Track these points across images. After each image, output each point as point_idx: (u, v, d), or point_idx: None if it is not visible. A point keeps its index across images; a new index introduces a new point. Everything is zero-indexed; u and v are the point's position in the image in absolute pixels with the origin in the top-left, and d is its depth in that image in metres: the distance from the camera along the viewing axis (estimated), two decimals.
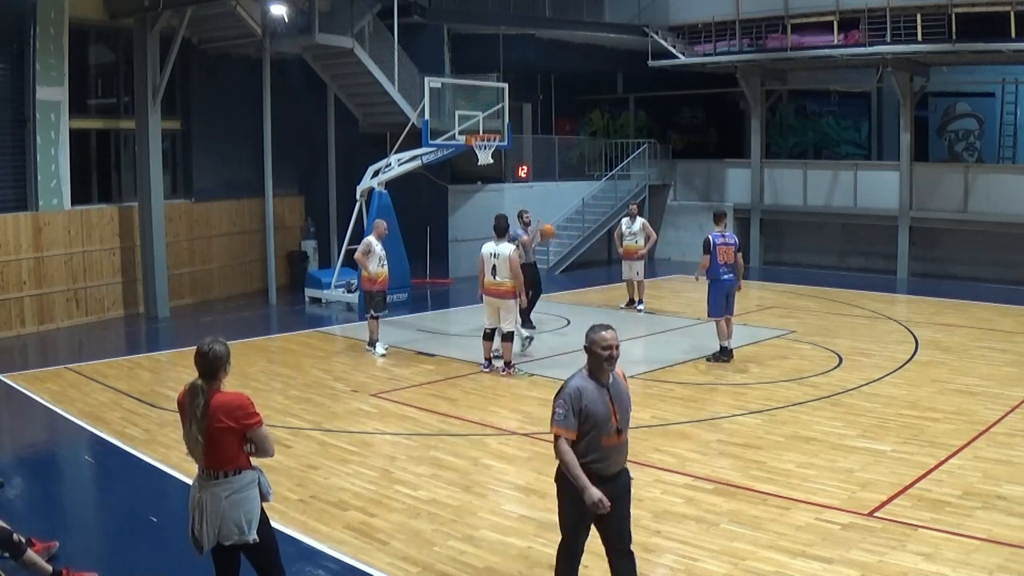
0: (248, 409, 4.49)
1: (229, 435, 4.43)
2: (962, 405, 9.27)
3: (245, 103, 16.98)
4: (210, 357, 4.49)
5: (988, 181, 18.85)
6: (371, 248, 11.99)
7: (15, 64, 13.80)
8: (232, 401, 4.49)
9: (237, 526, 4.45)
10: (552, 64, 22.57)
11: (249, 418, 4.48)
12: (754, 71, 21.32)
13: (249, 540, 4.47)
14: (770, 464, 7.51)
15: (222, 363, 4.52)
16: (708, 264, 11.23)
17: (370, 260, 11.96)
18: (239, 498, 4.46)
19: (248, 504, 4.50)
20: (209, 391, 4.46)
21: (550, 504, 6.76)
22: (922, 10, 17.52)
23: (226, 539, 4.46)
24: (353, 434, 8.66)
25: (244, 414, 4.47)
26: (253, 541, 4.48)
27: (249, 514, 4.49)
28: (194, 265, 17.06)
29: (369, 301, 12.22)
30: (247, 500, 4.50)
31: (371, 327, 12.17)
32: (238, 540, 4.47)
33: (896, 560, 5.66)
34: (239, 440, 4.48)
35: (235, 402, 4.49)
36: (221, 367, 4.51)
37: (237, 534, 4.45)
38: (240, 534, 4.46)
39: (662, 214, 23.21)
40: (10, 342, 13.32)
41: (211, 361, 4.49)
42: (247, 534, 4.46)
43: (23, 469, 7.99)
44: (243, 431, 4.47)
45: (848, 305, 15.82)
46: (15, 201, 13.91)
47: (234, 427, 4.43)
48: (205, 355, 4.50)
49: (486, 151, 16.18)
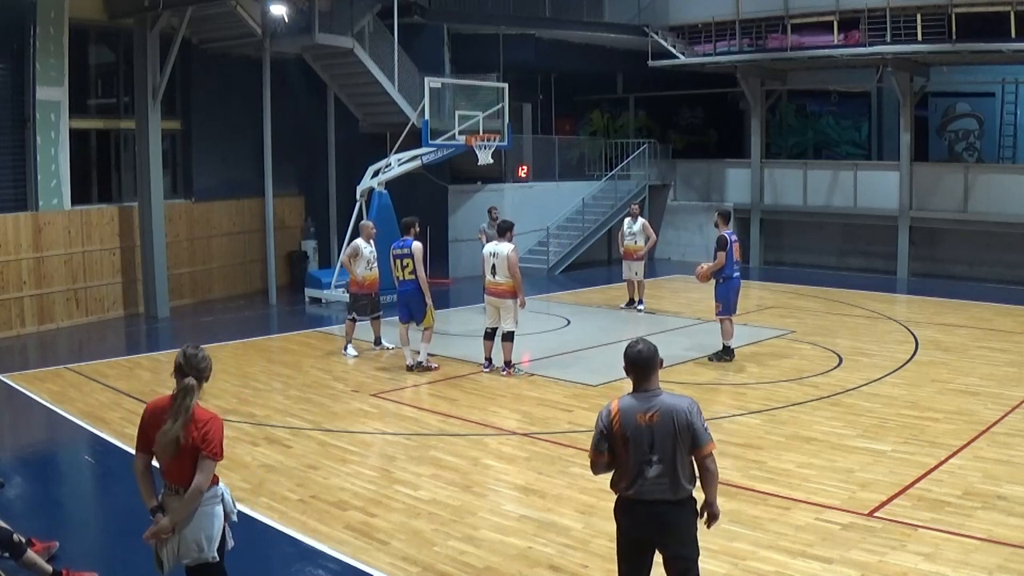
0: (215, 432, 4.27)
1: (194, 451, 4.25)
2: (962, 405, 9.27)
3: (245, 103, 16.98)
4: (200, 359, 4.33)
5: (988, 181, 18.84)
6: (358, 251, 11.87)
7: (15, 64, 13.80)
8: (202, 416, 4.29)
9: (196, 544, 4.29)
10: (552, 64, 22.57)
11: (207, 443, 4.24)
12: (754, 71, 21.31)
13: (208, 558, 4.31)
14: (770, 464, 7.51)
15: (208, 370, 4.37)
16: (724, 263, 11.21)
17: (357, 263, 11.85)
18: (200, 513, 4.30)
19: (209, 520, 4.33)
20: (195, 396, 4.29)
21: (550, 504, 6.79)
22: (922, 10, 17.52)
23: (184, 557, 4.30)
24: (353, 434, 8.66)
25: (206, 434, 4.24)
26: (212, 559, 4.32)
27: (210, 531, 4.32)
28: (194, 265, 17.07)
29: (353, 303, 12.18)
30: (209, 516, 4.33)
31: (348, 329, 12.16)
32: (197, 559, 4.31)
33: (896, 560, 5.66)
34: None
35: (203, 417, 4.29)
36: (207, 374, 4.37)
37: (196, 552, 4.29)
38: (199, 552, 4.30)
39: (662, 214, 23.21)
40: (10, 342, 13.32)
41: (199, 364, 4.33)
42: (207, 552, 4.30)
43: (23, 469, 7.99)
44: (198, 450, 4.25)
45: (848, 305, 15.82)
46: (15, 201, 13.91)
47: (196, 444, 4.23)
48: (193, 356, 4.32)
49: (486, 151, 16.19)
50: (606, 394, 10.00)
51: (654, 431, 4.18)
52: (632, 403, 4.27)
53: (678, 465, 4.19)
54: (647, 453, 4.18)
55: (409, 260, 10.86)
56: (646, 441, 4.18)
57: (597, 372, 10.94)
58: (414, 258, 10.82)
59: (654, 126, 25.66)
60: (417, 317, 11.05)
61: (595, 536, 6.15)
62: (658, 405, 4.22)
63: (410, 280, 10.92)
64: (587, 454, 4.46)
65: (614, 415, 4.26)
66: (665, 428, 4.18)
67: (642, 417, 4.20)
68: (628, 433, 4.20)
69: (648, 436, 4.18)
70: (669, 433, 4.17)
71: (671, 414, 4.19)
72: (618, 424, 4.23)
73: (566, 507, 6.70)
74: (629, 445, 4.20)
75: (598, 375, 10.76)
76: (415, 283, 10.89)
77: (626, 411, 4.24)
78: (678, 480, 4.19)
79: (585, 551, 5.93)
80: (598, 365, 11.42)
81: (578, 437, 8.32)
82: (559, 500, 6.85)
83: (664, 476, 4.18)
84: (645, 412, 4.21)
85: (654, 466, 4.18)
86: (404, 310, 11.12)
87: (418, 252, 10.86)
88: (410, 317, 11.12)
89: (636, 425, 4.20)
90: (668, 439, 4.17)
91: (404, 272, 10.94)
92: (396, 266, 11.00)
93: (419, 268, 10.85)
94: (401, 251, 10.97)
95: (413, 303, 11.00)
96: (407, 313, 11.11)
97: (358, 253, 11.86)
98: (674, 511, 4.22)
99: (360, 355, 11.96)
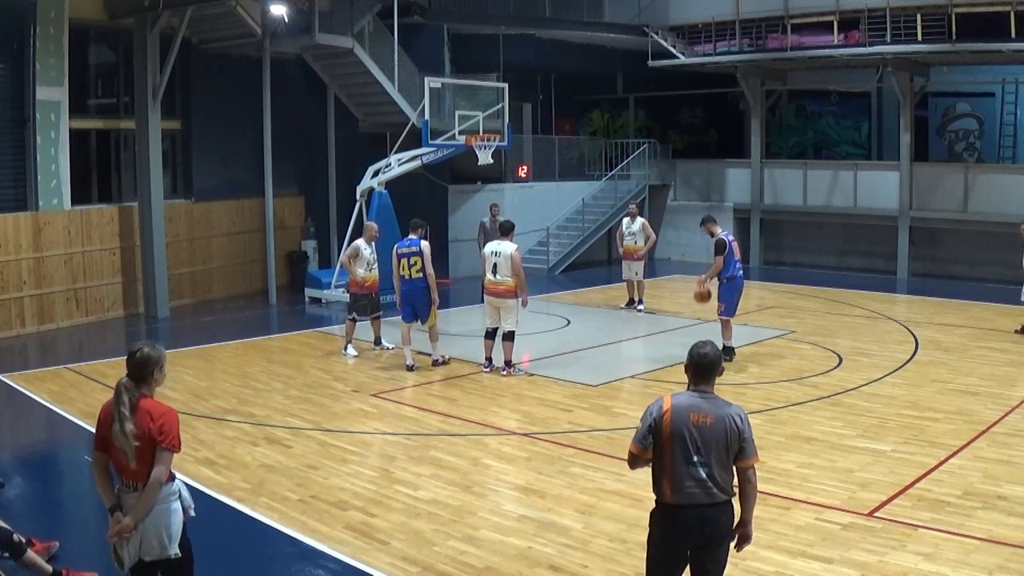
0: (171, 424, 4.28)
1: (150, 445, 4.24)
2: (962, 405, 9.27)
3: (245, 103, 16.97)
4: (137, 359, 4.33)
5: (988, 181, 18.85)
6: (359, 252, 11.88)
7: (15, 64, 13.80)
8: (157, 409, 4.29)
9: (158, 541, 4.28)
10: (552, 64, 22.58)
11: (164, 435, 4.23)
12: (754, 71, 21.32)
13: (171, 555, 4.31)
14: (770, 464, 7.50)
15: (150, 367, 4.35)
16: (723, 265, 11.19)
17: (357, 264, 11.86)
18: (159, 510, 4.29)
19: (168, 517, 4.32)
20: (137, 394, 4.29)
21: (550, 504, 6.78)
22: (922, 10, 17.52)
23: (147, 554, 4.28)
24: (353, 434, 8.66)
25: (162, 426, 4.24)
26: (175, 556, 4.33)
27: (170, 528, 4.32)
28: (194, 265, 17.07)
29: (353, 304, 12.20)
30: (168, 513, 4.32)
31: (348, 329, 12.17)
32: (159, 555, 4.30)
33: (896, 560, 5.66)
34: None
35: (159, 410, 4.29)
36: (149, 371, 4.35)
37: (158, 549, 4.29)
38: (161, 549, 4.29)
39: (662, 214, 23.21)
40: (10, 342, 13.32)
41: (137, 363, 4.33)
42: (168, 549, 4.30)
43: (23, 469, 8.00)
44: (155, 444, 4.24)
45: (848, 305, 15.82)
46: (15, 201, 13.91)
47: (153, 437, 4.23)
48: (131, 356, 4.35)
49: (486, 151, 16.18)
50: (606, 394, 10.01)
51: (704, 434, 4.14)
52: (687, 402, 4.23)
53: (722, 472, 4.16)
54: (692, 455, 4.13)
55: (417, 259, 10.91)
56: (693, 443, 4.13)
57: (597, 372, 10.94)
58: (423, 257, 10.89)
59: (654, 126, 25.66)
60: (422, 316, 11.06)
61: (595, 536, 6.15)
62: (713, 409, 4.19)
63: (417, 279, 10.94)
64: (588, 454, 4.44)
65: (666, 411, 4.20)
66: (716, 433, 4.14)
67: (695, 417, 4.16)
68: (677, 431, 4.15)
69: (697, 438, 4.13)
70: (719, 439, 4.13)
71: (724, 420, 4.15)
72: (668, 421, 4.17)
73: (566, 507, 6.69)
74: (675, 444, 4.15)
75: (598, 375, 10.76)
76: (422, 282, 10.93)
77: (679, 409, 4.20)
78: (720, 486, 4.15)
79: (585, 551, 5.93)
80: (598, 365, 11.42)
81: (578, 437, 8.33)
82: (559, 500, 6.84)
83: (707, 481, 4.13)
84: (699, 413, 4.17)
85: (698, 468, 4.13)
86: (408, 309, 11.11)
87: (427, 251, 10.94)
88: (414, 316, 11.12)
89: (687, 425, 4.15)
90: (716, 445, 4.13)
91: (411, 271, 10.96)
92: (403, 265, 11.00)
93: (428, 267, 10.92)
94: (408, 250, 11.00)
95: (419, 302, 11.01)
96: (412, 312, 11.10)
97: (358, 254, 11.86)
98: (715, 513, 4.16)
99: (360, 355, 11.96)
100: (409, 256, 10.96)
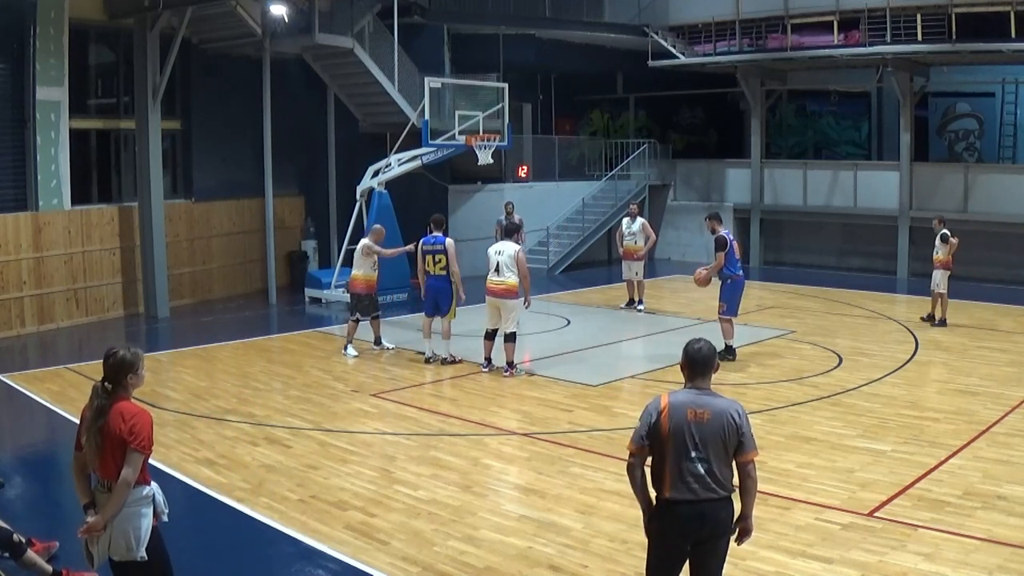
0: (142, 426, 4.30)
1: (121, 446, 4.27)
2: (962, 405, 9.27)
3: (245, 103, 16.97)
4: (111, 363, 4.38)
5: (988, 181, 18.85)
6: (372, 249, 12.08)
7: (15, 64, 13.79)
8: (130, 410, 4.33)
9: (125, 542, 4.31)
10: (552, 64, 22.57)
11: (135, 436, 4.26)
12: (754, 71, 21.32)
13: (136, 557, 4.33)
14: (770, 464, 7.49)
15: (125, 371, 4.39)
16: (723, 263, 11.20)
17: (368, 260, 12.03)
18: (129, 512, 4.31)
19: (137, 520, 4.34)
20: (112, 396, 4.34)
21: (550, 504, 6.78)
22: (922, 10, 17.52)
23: (115, 554, 4.35)
24: (353, 434, 8.66)
25: (133, 427, 4.27)
26: (141, 559, 4.34)
27: (138, 531, 4.33)
28: (194, 265, 17.06)
29: (355, 304, 12.25)
30: (137, 516, 4.34)
31: (350, 329, 12.23)
32: (126, 556, 4.33)
33: (896, 560, 5.66)
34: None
35: (131, 411, 4.33)
36: (124, 374, 4.40)
37: (124, 550, 4.32)
38: (128, 551, 4.32)
39: (662, 214, 23.21)
40: (10, 342, 13.32)
41: (111, 367, 4.38)
42: (135, 551, 4.32)
43: (23, 469, 8.00)
44: (126, 443, 4.26)
45: (848, 305, 15.81)
46: (15, 201, 13.90)
47: (123, 438, 4.26)
48: (106, 360, 4.40)
49: (486, 151, 16.18)
50: (606, 394, 10.01)
51: (703, 430, 4.15)
52: (684, 399, 4.25)
53: (721, 467, 4.17)
54: (690, 451, 4.15)
55: (442, 256, 11.20)
56: (691, 438, 4.15)
57: (597, 372, 10.94)
58: (447, 254, 11.18)
59: (654, 126, 25.66)
60: (443, 310, 11.39)
61: (595, 536, 6.15)
62: (711, 404, 4.21)
63: (441, 275, 11.26)
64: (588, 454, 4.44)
65: (664, 408, 4.22)
66: (714, 429, 4.15)
67: (693, 413, 4.18)
68: (675, 427, 4.17)
69: (694, 434, 4.15)
70: (717, 434, 4.15)
71: (722, 416, 4.17)
72: (667, 417, 4.19)
73: (566, 507, 6.69)
74: (674, 440, 4.16)
75: (598, 375, 10.76)
76: (446, 278, 11.26)
77: (676, 405, 4.22)
78: (719, 481, 4.16)
79: (585, 551, 5.93)
80: (598, 365, 11.43)
81: (578, 437, 8.33)
82: (559, 500, 6.84)
83: (706, 477, 4.15)
84: (697, 409, 4.19)
85: (697, 464, 4.14)
86: (431, 304, 11.42)
87: (452, 249, 11.22)
88: (435, 311, 11.41)
89: (685, 420, 4.17)
90: (715, 440, 4.14)
91: (436, 267, 11.27)
92: (428, 261, 11.26)
93: (453, 265, 11.23)
94: (433, 247, 11.27)
95: (442, 297, 11.34)
96: (433, 307, 11.42)
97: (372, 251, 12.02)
98: (714, 508, 4.17)
99: (360, 355, 11.97)
100: (434, 253, 11.24)
